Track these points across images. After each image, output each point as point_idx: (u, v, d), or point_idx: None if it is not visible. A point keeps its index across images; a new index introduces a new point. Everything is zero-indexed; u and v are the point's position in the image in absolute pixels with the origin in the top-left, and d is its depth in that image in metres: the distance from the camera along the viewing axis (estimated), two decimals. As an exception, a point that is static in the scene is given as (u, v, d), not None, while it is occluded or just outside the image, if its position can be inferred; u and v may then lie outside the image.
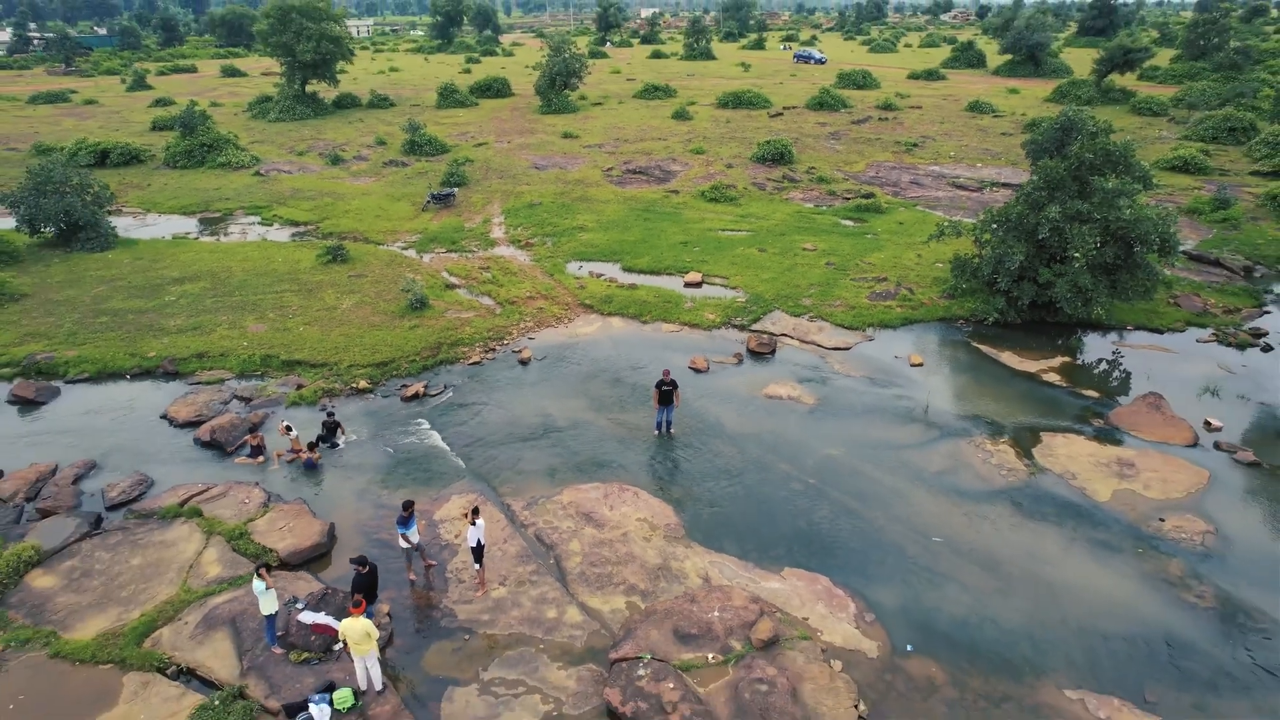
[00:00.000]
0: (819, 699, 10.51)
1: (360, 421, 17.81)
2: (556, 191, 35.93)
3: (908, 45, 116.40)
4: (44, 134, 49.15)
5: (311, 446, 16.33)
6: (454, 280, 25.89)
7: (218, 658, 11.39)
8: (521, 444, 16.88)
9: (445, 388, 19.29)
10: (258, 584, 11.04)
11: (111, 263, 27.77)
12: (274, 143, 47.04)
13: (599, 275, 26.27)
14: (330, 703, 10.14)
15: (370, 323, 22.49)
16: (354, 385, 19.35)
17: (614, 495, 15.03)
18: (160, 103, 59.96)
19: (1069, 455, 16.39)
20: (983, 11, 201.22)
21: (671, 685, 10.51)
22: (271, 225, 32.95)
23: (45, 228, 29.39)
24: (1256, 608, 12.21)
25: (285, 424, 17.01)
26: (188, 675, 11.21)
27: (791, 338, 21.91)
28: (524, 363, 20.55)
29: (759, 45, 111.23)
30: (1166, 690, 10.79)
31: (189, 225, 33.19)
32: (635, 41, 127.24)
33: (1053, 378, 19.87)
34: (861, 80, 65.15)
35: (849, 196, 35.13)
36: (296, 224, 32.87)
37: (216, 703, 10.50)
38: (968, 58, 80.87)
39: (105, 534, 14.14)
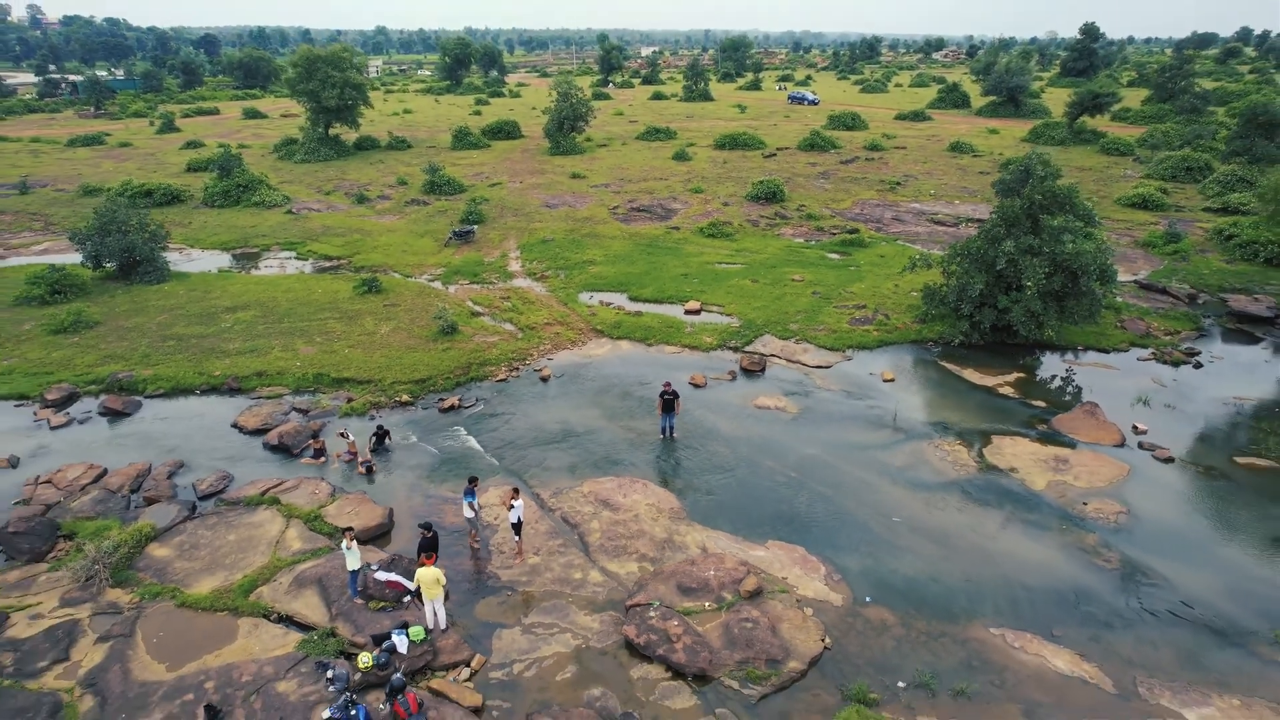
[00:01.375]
0: (793, 634, 13.24)
1: (405, 429, 20.67)
2: (567, 228, 39.19)
3: (898, 85, 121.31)
4: (87, 175, 52.68)
5: (373, 450, 19.20)
6: (478, 309, 28.93)
7: (309, 608, 14.14)
8: (546, 446, 19.72)
9: (477, 401, 22.19)
10: (345, 545, 13.86)
11: (168, 294, 30.84)
12: (302, 183, 50.56)
13: (608, 304, 29.33)
14: (406, 635, 12.87)
15: (407, 345, 25.45)
16: (397, 399, 22.26)
17: (626, 486, 17.84)
18: (191, 145, 63.78)
19: (1014, 453, 19.22)
20: (973, 50, 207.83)
21: (676, 623, 13.25)
22: (307, 260, 36.09)
23: (108, 263, 32.52)
24: (1151, 568, 14.97)
25: (343, 430, 19.88)
26: (286, 621, 13.94)
27: (779, 358, 24.85)
28: (544, 379, 23.47)
29: (755, 86, 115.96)
30: (1070, 627, 13.52)
31: (231, 260, 36.35)
32: (636, 82, 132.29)
33: (1007, 390, 22.77)
34: (851, 122, 69.10)
35: (835, 232, 38.35)
36: (330, 258, 36.01)
37: (315, 637, 13.26)
38: (953, 98, 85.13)
39: (203, 517, 16.94)
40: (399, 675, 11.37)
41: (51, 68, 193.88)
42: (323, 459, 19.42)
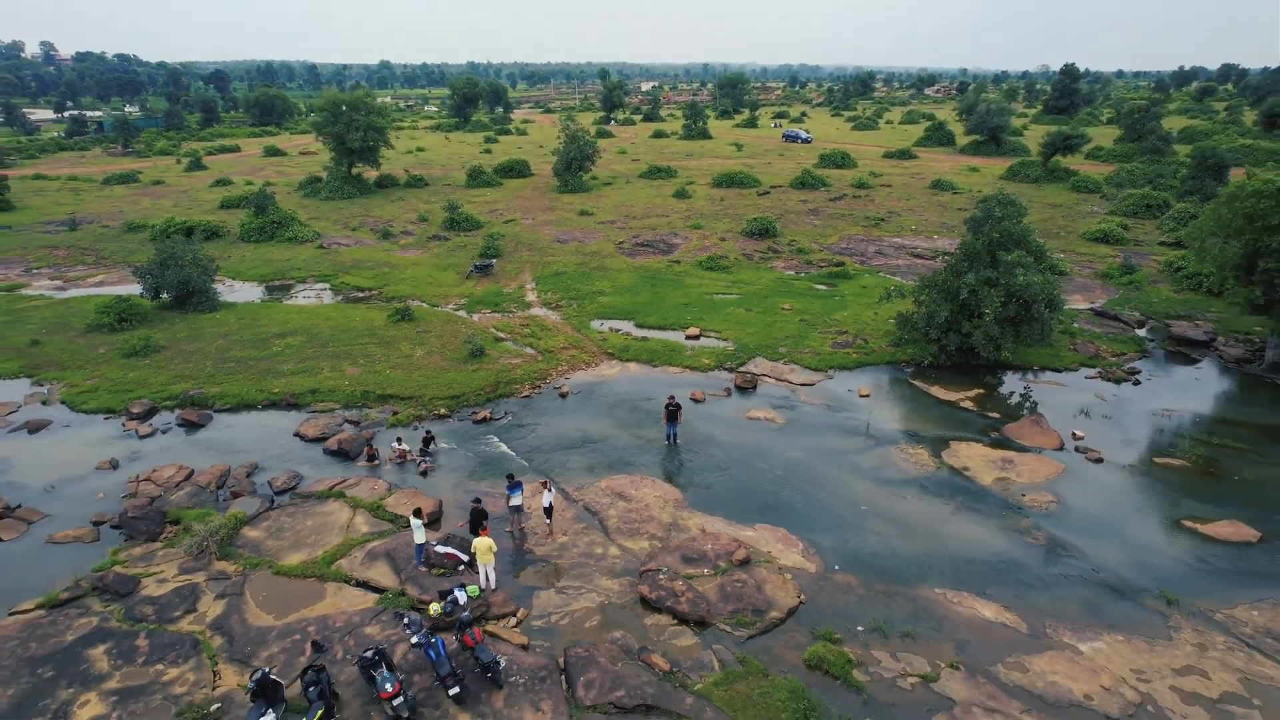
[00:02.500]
0: (775, 592, 16.45)
1: (445, 438, 23.97)
2: (577, 262, 42.85)
3: (889, 122, 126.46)
4: (128, 212, 56.53)
5: (421, 453, 22.52)
6: (501, 335, 32.39)
7: (382, 575, 17.35)
8: (567, 450, 23.03)
9: (506, 414, 25.53)
10: (414, 522, 17.14)
11: (220, 322, 34.31)
12: (329, 219, 54.40)
13: (617, 330, 32.82)
14: (465, 592, 16.06)
15: (440, 367, 28.85)
16: (436, 412, 25.61)
17: (637, 482, 21.12)
18: (220, 183, 67.83)
19: (968, 456, 22.53)
20: (963, 87, 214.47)
21: (680, 584, 16.47)
22: (341, 291, 39.62)
23: (165, 294, 36.05)
24: (1070, 544, 18.20)
25: (398, 438, 23.21)
26: (363, 586, 17.14)
27: (769, 377, 28.24)
28: (563, 396, 26.83)
29: (752, 124, 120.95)
30: (1000, 588, 16.73)
31: (265, 291, 39.89)
32: (637, 119, 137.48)
33: (967, 404, 26.14)
34: (840, 160, 73.33)
35: (823, 265, 41.99)
36: (362, 290, 39.56)
37: (390, 596, 16.48)
38: (939, 136, 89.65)
39: (282, 507, 20.20)
40: (467, 614, 14.59)
41: (69, 104, 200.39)
42: (376, 462, 22.71)
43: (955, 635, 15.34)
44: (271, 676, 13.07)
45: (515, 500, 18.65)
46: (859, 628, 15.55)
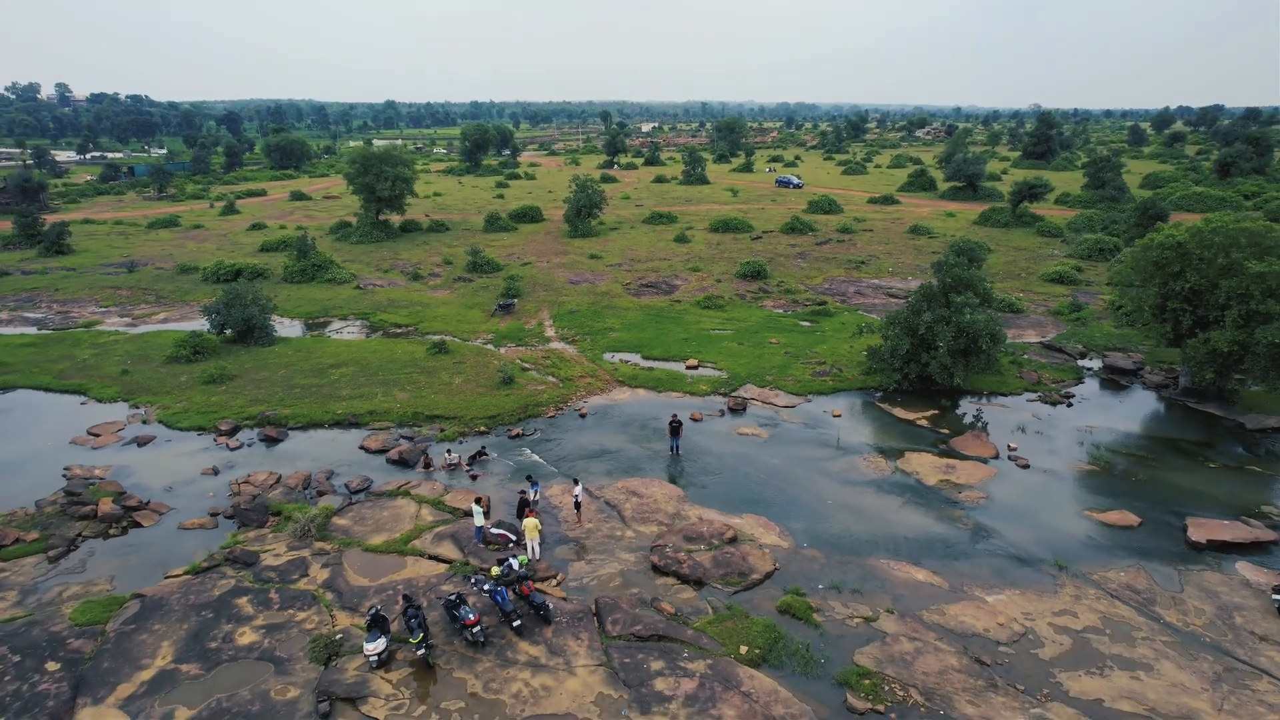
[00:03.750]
0: (756, 561, 21.22)
1: (487, 450, 28.86)
2: (589, 301, 48.10)
3: (877, 166, 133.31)
4: (178, 255, 62.03)
5: (473, 462, 27.42)
6: (527, 365, 37.42)
7: (448, 551, 22.13)
8: (589, 459, 27.91)
9: (535, 430, 30.44)
10: (476, 509, 22.01)
11: (279, 354, 39.36)
12: (362, 261, 59.86)
13: (626, 361, 37.87)
14: (517, 561, 20.81)
15: (477, 392, 33.82)
16: (477, 430, 30.52)
17: (647, 483, 25.96)
18: (255, 227, 73.57)
19: (918, 463, 27.40)
20: (951, 130, 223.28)
21: (683, 555, 21.27)
22: (380, 328, 44.76)
23: (229, 329, 41.14)
24: (992, 528, 23.01)
25: (448, 449, 28.13)
26: (435, 559, 21.91)
27: (757, 400, 33.20)
28: (583, 416, 31.78)
29: (747, 168, 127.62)
30: (931, 559, 21.51)
31: (316, 328, 45.03)
32: (639, 162, 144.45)
33: (923, 423, 31.08)
34: (827, 206, 79.20)
35: (807, 304, 47.22)
36: (399, 326, 44.70)
37: (458, 565, 21.27)
38: (921, 182, 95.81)
39: (360, 503, 25.03)
40: (524, 570, 19.39)
41: (91, 146, 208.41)
42: (430, 468, 27.58)
43: (893, 591, 20.10)
44: (381, 613, 17.83)
45: (534, 495, 23.64)
46: (819, 586, 20.32)
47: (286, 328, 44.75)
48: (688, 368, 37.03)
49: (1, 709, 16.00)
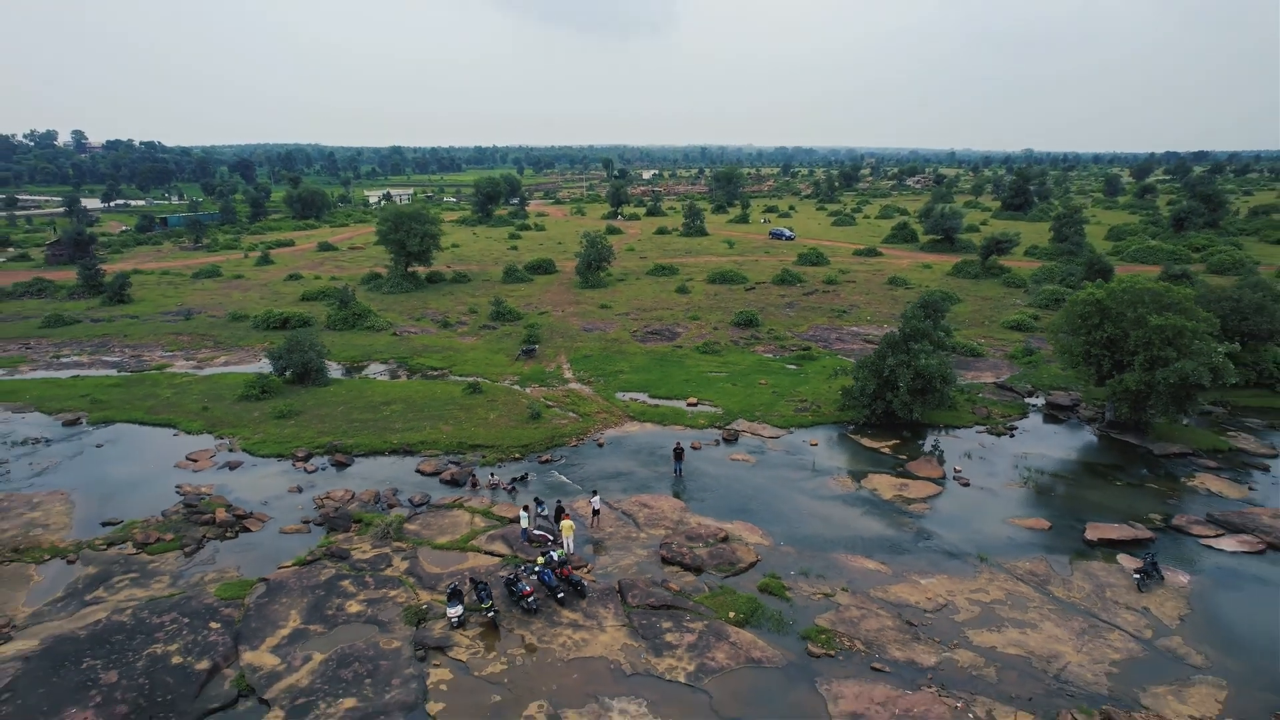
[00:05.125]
0: (742, 554, 27.06)
1: (528, 473, 34.81)
2: (601, 347, 54.42)
3: (866, 217, 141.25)
4: (228, 304, 68.61)
5: (518, 482, 33.37)
6: (550, 403, 43.52)
7: (500, 548, 27.97)
8: (607, 479, 33.83)
9: (561, 457, 36.43)
10: (523, 514, 27.97)
11: (334, 393, 45.48)
12: (394, 311, 66.38)
13: (636, 399, 43.99)
14: (556, 554, 26.64)
15: (510, 425, 39.84)
16: (513, 457, 36.50)
17: (656, 498, 31.88)
18: (292, 277, 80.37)
19: (877, 482, 33.33)
20: (939, 179, 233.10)
21: (685, 550, 27.14)
22: (417, 371, 50.95)
23: (288, 372, 47.30)
24: (932, 531, 28.89)
25: (491, 471, 34.11)
26: (489, 554, 27.75)
27: (747, 432, 39.23)
28: (600, 445, 37.77)
29: (743, 219, 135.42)
30: (881, 553, 27.34)
31: (363, 370, 51.22)
32: (641, 213, 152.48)
33: (886, 450, 37.07)
34: (815, 259, 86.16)
35: (793, 349, 53.53)
36: (435, 369, 50.89)
37: (509, 557, 27.14)
38: (903, 235, 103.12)
39: (424, 513, 30.90)
40: (563, 557, 25.25)
41: (115, 195, 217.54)
42: (476, 487, 33.50)
43: (848, 576, 25.92)
44: (458, 588, 23.67)
45: (545, 512, 29.54)
46: (791, 572, 26.15)
47: (334, 370, 50.94)
48: (688, 405, 43.12)
49: (187, 651, 21.80)
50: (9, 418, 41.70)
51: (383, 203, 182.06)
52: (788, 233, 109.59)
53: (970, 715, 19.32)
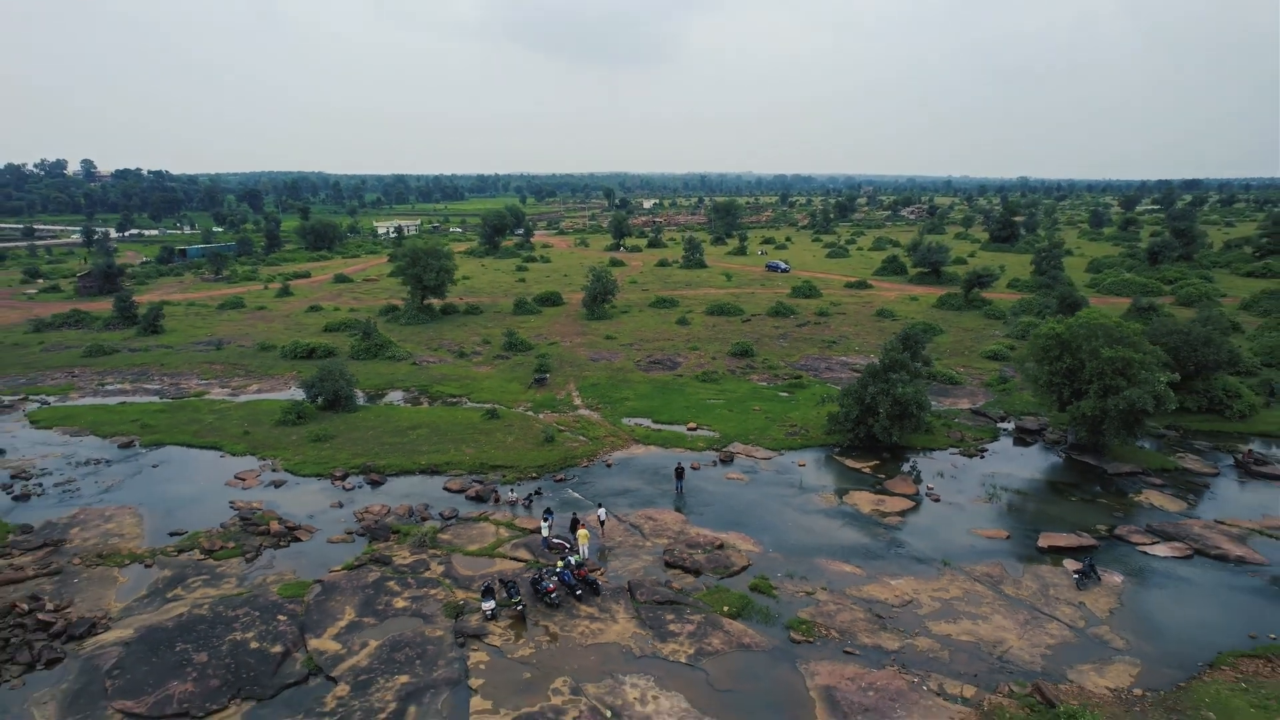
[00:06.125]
0: (735, 559, 30.92)
1: (541, 490, 38.74)
2: (607, 376, 58.55)
3: (859, 249, 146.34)
4: (255, 335, 72.89)
5: (532, 497, 37.32)
6: (561, 428, 47.52)
7: (523, 554, 31.84)
8: (616, 495, 37.76)
9: (574, 476, 40.36)
10: (543, 523, 31.92)
11: (363, 419, 49.50)
12: (413, 341, 70.64)
13: (640, 424, 48.01)
14: (573, 557, 30.49)
15: (526, 448, 43.80)
16: (530, 476, 40.44)
17: (660, 512, 35.79)
18: (313, 309, 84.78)
19: (858, 498, 37.26)
20: (933, 209, 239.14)
21: (685, 555, 31.02)
22: (437, 398, 55.02)
23: (320, 399, 51.35)
24: (904, 540, 32.79)
25: (510, 489, 38.06)
26: (514, 559, 31.62)
27: (742, 454, 43.21)
28: (609, 466, 41.73)
29: (741, 251, 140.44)
30: (857, 559, 31.22)
31: (386, 397, 55.30)
32: (643, 244, 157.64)
33: (866, 470, 41.03)
34: (808, 291, 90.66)
35: (786, 378, 57.64)
36: (454, 396, 54.97)
37: (532, 562, 31.02)
38: (893, 267, 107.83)
39: (454, 525, 34.79)
40: (580, 561, 29.15)
41: (128, 225, 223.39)
42: (499, 502, 37.42)
43: (827, 578, 29.78)
44: (490, 585, 27.55)
45: (547, 525, 33.35)
46: (778, 574, 30.01)
47: (360, 397, 54.97)
48: (689, 429, 47.13)
49: (262, 638, 25.64)
50: (69, 441, 45.74)
51: (392, 233, 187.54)
52: (783, 265, 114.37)
53: (924, 688, 23.14)
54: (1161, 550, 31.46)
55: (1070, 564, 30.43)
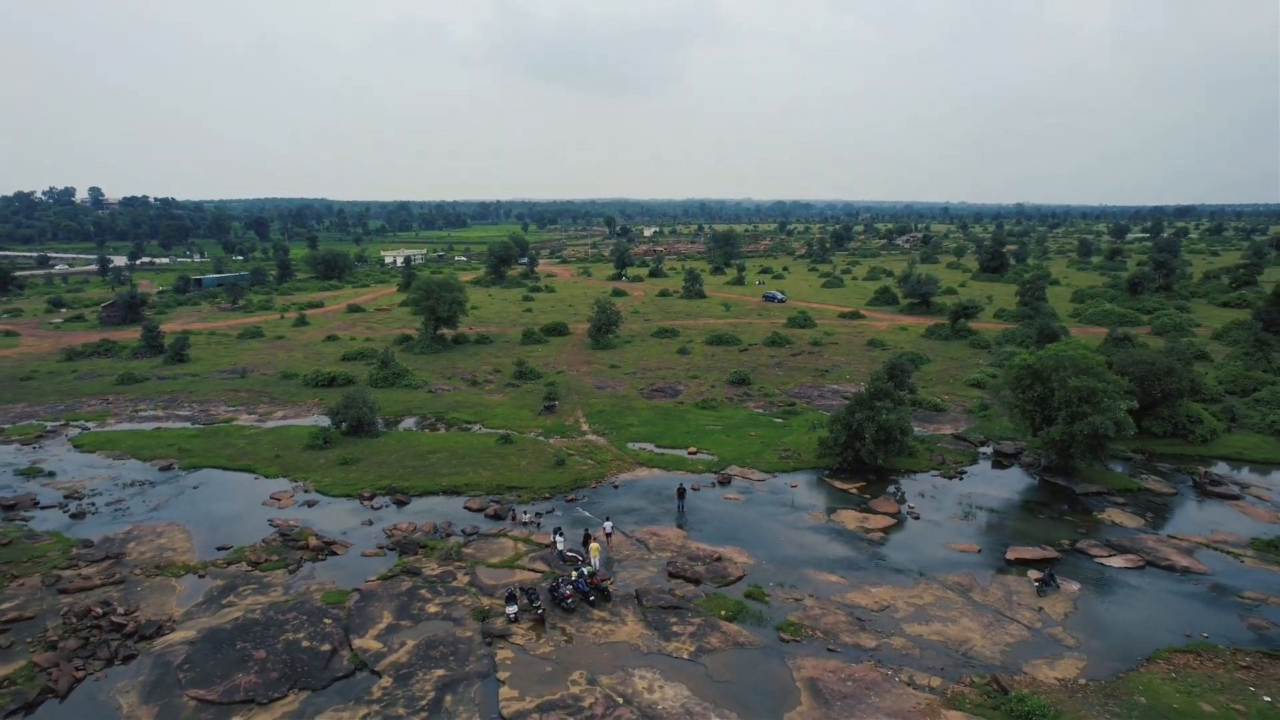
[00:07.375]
0: (732, 570, 34.24)
1: (553, 509, 42.13)
2: (612, 403, 62.12)
3: (854, 279, 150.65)
4: (274, 363, 76.55)
5: (538, 516, 40.73)
6: (571, 452, 51.00)
7: (540, 566, 35.15)
8: (623, 514, 41.14)
9: (584, 496, 43.78)
10: (558, 539, 35.34)
11: (385, 443, 52.98)
12: (427, 370, 74.30)
13: (644, 449, 51.49)
14: (585, 568, 33.83)
15: (539, 470, 47.24)
16: (543, 496, 43.85)
17: (663, 529, 39.17)
18: (330, 338, 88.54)
19: (845, 516, 40.65)
20: (928, 238, 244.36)
21: (687, 567, 34.38)
22: (453, 424, 58.51)
23: (344, 425, 54.84)
24: (885, 554, 36.16)
25: (524, 509, 41.46)
26: (532, 570, 34.97)
27: (739, 476, 46.64)
28: (616, 487, 45.15)
29: (740, 281, 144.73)
30: (842, 570, 34.58)
31: (407, 423, 58.80)
32: (644, 274, 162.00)
33: (853, 490, 44.47)
34: (803, 321, 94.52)
35: (781, 405, 61.20)
36: (468, 422, 58.46)
37: (548, 573, 34.38)
38: (885, 298, 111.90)
39: (476, 540, 38.16)
40: (592, 571, 32.52)
41: (139, 253, 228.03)
42: (515, 520, 40.81)
43: (815, 586, 33.13)
44: (512, 592, 30.91)
45: (560, 540, 36.72)
46: (770, 583, 33.35)
47: (380, 424, 58.46)
48: (689, 453, 50.60)
49: (311, 638, 28.97)
50: (113, 464, 49.24)
51: (400, 262, 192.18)
52: (779, 295, 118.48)
53: (897, 679, 26.45)
54: (1117, 562, 34.84)
55: (1033, 574, 33.78)
